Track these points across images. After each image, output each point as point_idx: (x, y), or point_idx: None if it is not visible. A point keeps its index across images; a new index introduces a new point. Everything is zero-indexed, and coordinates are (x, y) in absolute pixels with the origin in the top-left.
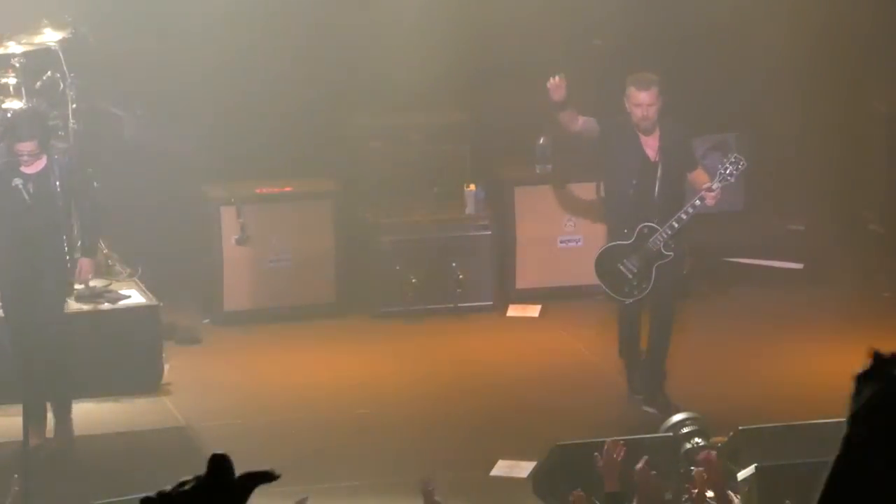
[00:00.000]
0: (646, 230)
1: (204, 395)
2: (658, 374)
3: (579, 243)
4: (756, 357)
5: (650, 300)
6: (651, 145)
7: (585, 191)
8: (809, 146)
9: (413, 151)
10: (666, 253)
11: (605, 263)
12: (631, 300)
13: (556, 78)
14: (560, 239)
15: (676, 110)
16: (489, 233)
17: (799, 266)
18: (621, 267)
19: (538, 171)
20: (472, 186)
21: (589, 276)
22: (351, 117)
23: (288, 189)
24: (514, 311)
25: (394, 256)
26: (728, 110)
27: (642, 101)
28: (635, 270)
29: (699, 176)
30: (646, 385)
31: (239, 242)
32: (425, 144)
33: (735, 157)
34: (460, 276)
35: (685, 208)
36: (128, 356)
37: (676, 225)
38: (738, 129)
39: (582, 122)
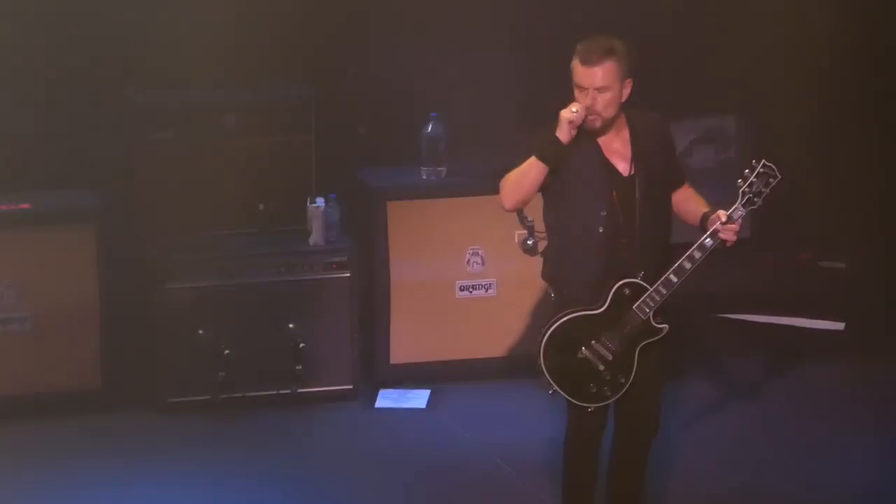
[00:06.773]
0: (626, 291)
1: None
2: None
3: (490, 291)
4: (773, 468)
5: (622, 402)
6: (619, 152)
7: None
8: (852, 140)
9: (224, 146)
10: (658, 326)
11: (561, 348)
12: (598, 405)
13: (578, 106)
14: (460, 285)
15: (649, 89)
16: (347, 275)
17: (839, 326)
18: (588, 352)
19: (425, 177)
20: (320, 201)
21: (504, 345)
22: (124, 95)
23: (25, 206)
24: (387, 399)
25: (192, 314)
26: (722, 80)
27: (587, 81)
28: (610, 357)
29: (689, 198)
30: None
31: None
32: (244, 134)
33: (764, 166)
34: (301, 346)
35: (690, 252)
36: None
37: (675, 279)
38: (736, 109)
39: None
